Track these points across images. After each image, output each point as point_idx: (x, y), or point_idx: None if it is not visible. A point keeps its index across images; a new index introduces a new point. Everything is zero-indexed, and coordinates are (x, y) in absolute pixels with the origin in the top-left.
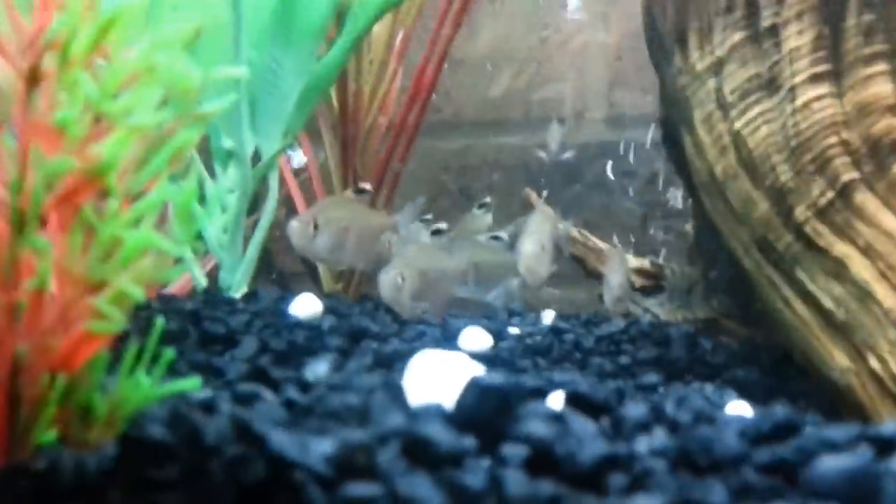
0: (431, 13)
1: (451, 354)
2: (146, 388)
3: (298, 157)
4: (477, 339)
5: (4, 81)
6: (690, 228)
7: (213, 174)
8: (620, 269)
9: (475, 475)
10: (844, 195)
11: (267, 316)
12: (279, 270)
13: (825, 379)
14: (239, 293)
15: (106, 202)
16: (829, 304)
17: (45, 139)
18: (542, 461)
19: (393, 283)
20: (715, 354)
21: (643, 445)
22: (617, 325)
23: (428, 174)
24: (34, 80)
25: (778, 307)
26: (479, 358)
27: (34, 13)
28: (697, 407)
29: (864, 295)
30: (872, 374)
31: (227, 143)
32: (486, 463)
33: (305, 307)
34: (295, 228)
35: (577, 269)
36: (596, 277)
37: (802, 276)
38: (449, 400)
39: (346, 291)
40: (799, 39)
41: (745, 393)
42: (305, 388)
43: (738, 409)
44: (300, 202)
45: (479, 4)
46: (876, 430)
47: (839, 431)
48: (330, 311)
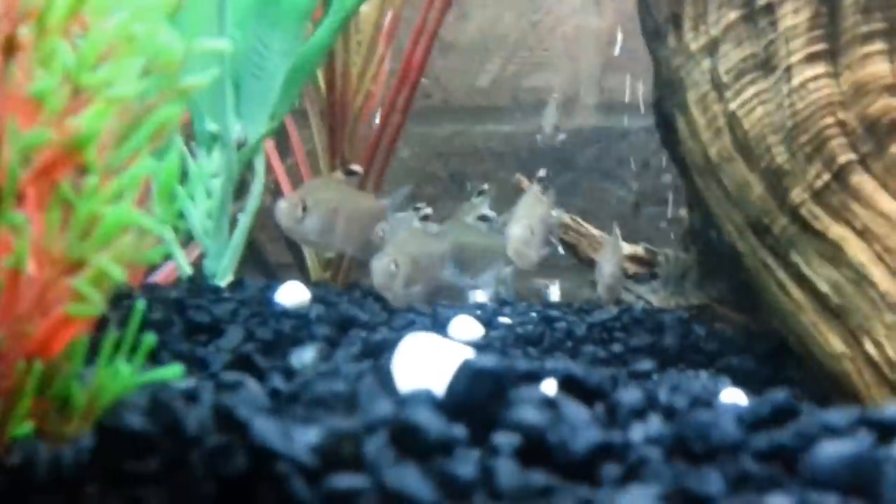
0: None
1: (440, 338)
2: (126, 376)
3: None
4: (467, 328)
5: None
6: (684, 214)
7: (196, 159)
8: (613, 256)
9: (466, 465)
10: (841, 177)
11: (253, 304)
12: (264, 258)
13: (820, 365)
14: (224, 281)
15: (85, 178)
16: (824, 287)
17: (21, 111)
18: (534, 450)
19: (386, 269)
20: (709, 341)
21: (638, 433)
22: (609, 312)
23: (417, 161)
24: (9, 49)
25: (772, 291)
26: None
27: None
28: (694, 392)
29: (860, 278)
30: (868, 359)
31: (211, 126)
32: (476, 453)
33: (292, 295)
34: (283, 209)
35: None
36: (588, 264)
37: (798, 259)
38: (439, 384)
39: (334, 280)
40: (795, 18)
41: (739, 380)
42: (291, 376)
43: (732, 396)
44: (287, 188)
45: None
46: (876, 414)
47: (839, 416)
48: (318, 299)
